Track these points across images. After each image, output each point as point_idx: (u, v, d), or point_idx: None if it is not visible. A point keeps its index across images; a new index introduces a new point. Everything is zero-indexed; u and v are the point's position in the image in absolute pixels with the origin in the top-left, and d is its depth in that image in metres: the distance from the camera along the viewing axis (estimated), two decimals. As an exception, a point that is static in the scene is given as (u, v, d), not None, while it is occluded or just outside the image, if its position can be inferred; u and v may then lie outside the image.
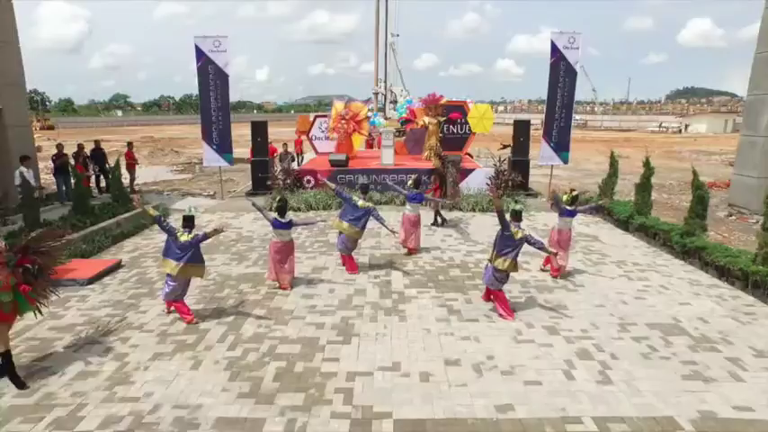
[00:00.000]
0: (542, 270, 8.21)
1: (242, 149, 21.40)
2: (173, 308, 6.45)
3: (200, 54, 13.49)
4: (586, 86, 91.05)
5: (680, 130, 59.74)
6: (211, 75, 13.65)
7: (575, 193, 8.04)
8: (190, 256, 6.16)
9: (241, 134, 24.48)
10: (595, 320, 6.32)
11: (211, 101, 13.87)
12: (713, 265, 8.11)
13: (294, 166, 15.37)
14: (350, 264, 8.24)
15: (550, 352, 5.52)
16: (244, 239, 10.24)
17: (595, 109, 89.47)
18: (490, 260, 6.49)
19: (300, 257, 8.87)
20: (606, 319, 6.36)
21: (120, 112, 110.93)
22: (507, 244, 6.28)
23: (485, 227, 10.92)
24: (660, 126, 63.16)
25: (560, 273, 7.91)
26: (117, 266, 8.45)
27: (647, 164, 10.62)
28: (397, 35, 40.21)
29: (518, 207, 6.58)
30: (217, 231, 6.40)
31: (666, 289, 7.48)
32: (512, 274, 6.59)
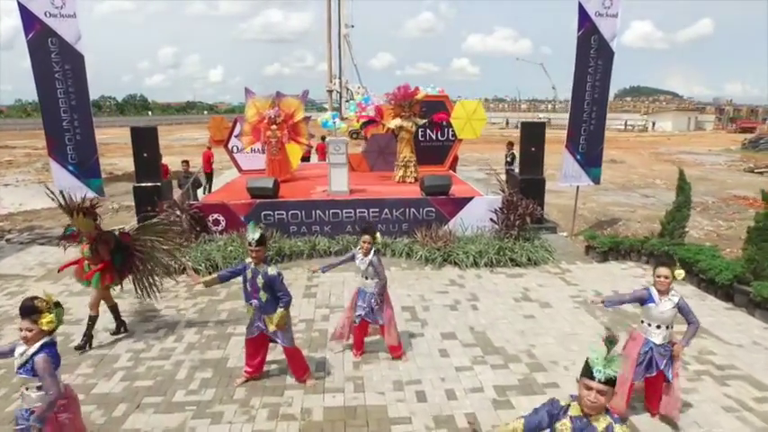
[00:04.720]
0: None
1: (178, 158, 15.30)
2: None
3: (29, 19, 8.21)
4: (546, 84, 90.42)
5: (646, 129, 57.80)
6: (54, 53, 8.43)
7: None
8: None
9: (179, 137, 19.22)
10: None
11: (59, 95, 8.66)
12: None
13: (200, 194, 10.29)
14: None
15: None
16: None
17: (556, 107, 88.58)
18: None
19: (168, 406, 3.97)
20: None
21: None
22: None
23: (506, 303, 6.39)
24: (626, 124, 61.05)
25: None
26: None
27: (773, 195, 6.30)
28: (352, 26, 35.72)
29: None
30: None
31: None
32: None
